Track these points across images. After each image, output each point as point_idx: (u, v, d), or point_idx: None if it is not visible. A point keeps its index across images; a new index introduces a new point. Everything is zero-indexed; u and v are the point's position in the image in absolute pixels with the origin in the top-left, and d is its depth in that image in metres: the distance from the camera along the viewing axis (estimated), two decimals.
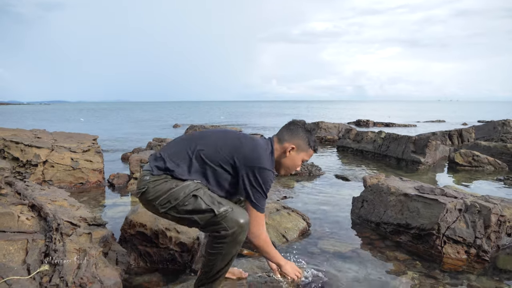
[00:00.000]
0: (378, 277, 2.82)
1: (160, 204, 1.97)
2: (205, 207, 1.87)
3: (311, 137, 2.24)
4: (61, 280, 2.26)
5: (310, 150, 2.25)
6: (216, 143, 2.06)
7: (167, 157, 2.03)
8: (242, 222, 1.87)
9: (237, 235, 1.86)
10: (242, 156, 2.00)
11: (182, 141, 2.15)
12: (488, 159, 7.77)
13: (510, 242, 3.43)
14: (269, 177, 2.02)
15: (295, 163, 2.25)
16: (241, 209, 1.94)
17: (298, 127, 2.23)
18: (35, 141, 5.98)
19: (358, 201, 4.21)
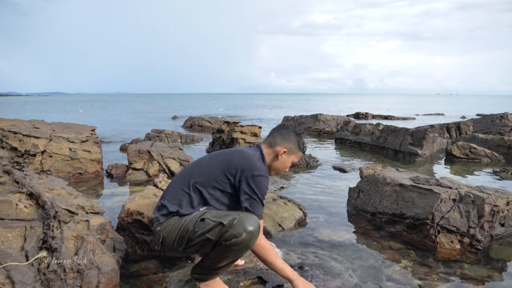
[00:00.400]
0: (372, 265, 2.86)
1: (178, 243, 2.00)
2: (214, 223, 1.91)
3: (301, 140, 2.34)
4: (59, 266, 2.30)
5: (299, 152, 2.34)
6: (207, 168, 2.12)
7: (167, 203, 2.08)
8: (251, 229, 1.88)
9: (248, 241, 1.89)
10: (234, 169, 2.05)
11: (177, 179, 2.19)
12: (485, 151, 7.81)
13: (503, 232, 3.47)
14: (263, 183, 2.06)
15: (285, 165, 2.33)
16: (249, 216, 1.95)
17: (290, 131, 2.30)
18: (33, 131, 5.99)
19: (354, 192, 4.24)
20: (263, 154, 2.22)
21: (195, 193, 2.05)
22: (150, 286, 2.42)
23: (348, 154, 8.81)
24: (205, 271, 2.08)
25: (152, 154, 5.80)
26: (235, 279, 2.28)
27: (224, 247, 1.88)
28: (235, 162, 2.07)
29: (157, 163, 5.71)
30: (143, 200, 3.01)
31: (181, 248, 1.99)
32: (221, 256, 1.94)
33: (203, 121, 15.24)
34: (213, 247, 1.93)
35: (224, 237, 1.86)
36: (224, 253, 1.92)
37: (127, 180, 5.59)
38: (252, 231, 1.88)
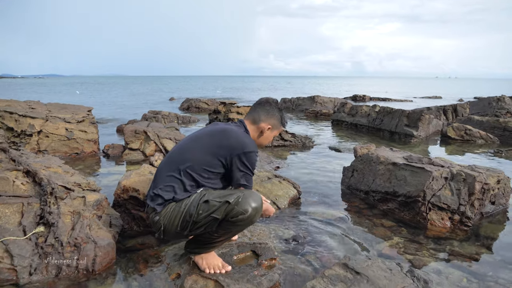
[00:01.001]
0: (364, 242, 2.92)
1: (182, 228, 2.03)
2: (219, 203, 1.95)
3: (283, 116, 2.39)
4: (56, 240, 2.35)
5: (281, 127, 2.41)
6: (195, 153, 2.11)
7: (160, 192, 2.07)
8: (256, 205, 1.95)
9: (253, 217, 1.96)
10: (224, 150, 2.07)
11: (165, 167, 2.17)
12: (480, 133, 7.85)
13: (493, 210, 3.54)
14: (254, 158, 2.12)
15: (268, 140, 2.40)
16: (252, 193, 2.01)
17: (273, 108, 2.33)
18: (29, 111, 5.98)
19: (348, 171, 4.29)
20: (247, 129, 2.25)
21: (187, 178, 2.06)
22: (146, 260, 2.47)
23: (344, 135, 8.85)
24: (202, 245, 2.12)
25: (149, 134, 5.82)
26: (229, 252, 2.34)
27: (230, 223, 1.94)
28: (224, 142, 2.08)
29: (153, 143, 5.73)
30: (138, 177, 3.04)
31: (186, 231, 2.02)
32: (225, 231, 2.00)
33: (200, 103, 15.19)
34: (218, 225, 1.98)
35: (230, 214, 1.91)
36: (229, 228, 1.99)
37: (124, 159, 5.63)
38: (257, 207, 1.95)
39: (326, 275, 1.81)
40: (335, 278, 1.77)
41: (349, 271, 1.82)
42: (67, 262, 2.29)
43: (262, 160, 5.25)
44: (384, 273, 1.81)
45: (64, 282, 2.20)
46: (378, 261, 1.93)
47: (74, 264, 2.30)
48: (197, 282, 2.02)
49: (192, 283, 2.01)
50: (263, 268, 2.19)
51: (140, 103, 19.47)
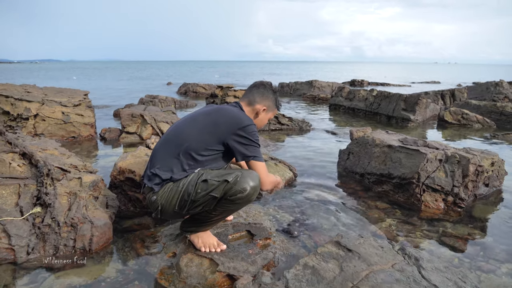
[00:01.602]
0: (358, 223, 2.96)
1: (180, 207, 2.04)
2: (218, 183, 1.96)
3: (278, 98, 2.41)
4: (53, 221, 2.37)
5: (275, 109, 2.43)
6: (193, 133, 2.11)
7: (158, 171, 2.08)
8: (253, 184, 1.96)
9: (251, 195, 1.97)
10: (223, 129, 2.07)
11: (163, 147, 2.17)
12: (476, 117, 7.87)
13: (487, 192, 3.57)
14: (253, 129, 2.10)
15: (264, 122, 2.41)
16: (250, 172, 2.01)
17: (268, 89, 2.34)
18: (25, 95, 5.96)
19: (344, 154, 4.31)
20: (243, 110, 2.26)
21: (186, 158, 2.07)
22: (142, 240, 2.50)
23: (341, 119, 8.85)
24: (198, 224, 2.15)
25: (145, 117, 5.81)
26: (224, 232, 2.36)
27: (228, 201, 1.96)
28: (220, 120, 2.09)
29: (150, 126, 5.73)
30: (134, 159, 3.05)
31: (185, 210, 2.03)
32: (223, 209, 2.01)
33: (197, 87, 15.13)
34: (216, 203, 2.00)
35: (229, 193, 1.93)
36: (228, 206, 2.00)
37: (121, 142, 5.64)
38: (255, 186, 1.96)
39: (319, 252, 1.84)
40: (327, 255, 1.80)
41: (341, 249, 1.85)
42: (64, 241, 2.32)
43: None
44: (376, 250, 1.84)
45: (62, 260, 2.23)
46: (370, 239, 1.96)
47: (71, 244, 2.33)
48: (193, 261, 2.05)
49: (187, 262, 2.05)
50: (257, 247, 2.23)
51: (137, 88, 19.37)
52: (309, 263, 1.74)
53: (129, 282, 2.05)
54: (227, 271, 1.91)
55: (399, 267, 1.70)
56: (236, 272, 1.90)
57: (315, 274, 1.64)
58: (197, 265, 2.02)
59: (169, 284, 1.96)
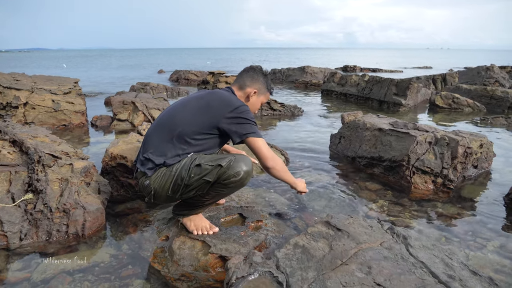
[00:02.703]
0: (349, 204, 3.00)
1: (173, 191, 2.03)
2: (211, 167, 1.96)
3: (269, 81, 2.37)
4: (45, 207, 2.38)
5: (267, 93, 2.38)
6: (187, 117, 2.10)
7: (151, 156, 2.07)
8: (247, 169, 1.96)
9: (244, 180, 1.98)
10: (215, 113, 2.06)
11: (156, 131, 2.16)
12: (467, 101, 7.93)
13: (476, 173, 3.63)
14: (245, 109, 2.09)
15: (256, 106, 2.37)
16: (243, 157, 2.01)
17: (258, 73, 2.32)
18: (14, 83, 5.88)
19: (335, 138, 4.34)
20: (234, 94, 2.26)
21: (179, 142, 2.06)
22: (135, 224, 2.52)
23: (333, 105, 8.87)
24: (190, 208, 2.16)
25: (137, 105, 5.78)
26: (216, 215, 2.39)
27: (222, 185, 1.97)
28: (212, 103, 2.09)
29: (141, 113, 5.71)
30: (126, 145, 3.05)
31: (178, 195, 2.04)
32: (216, 193, 2.02)
33: (189, 74, 15.02)
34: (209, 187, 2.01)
35: (222, 177, 1.93)
36: (221, 190, 2.01)
37: (112, 129, 5.62)
38: (248, 170, 1.97)
39: (309, 232, 1.87)
40: (317, 235, 1.83)
41: (331, 228, 1.89)
42: (56, 227, 2.33)
43: None
44: (365, 229, 1.88)
45: (55, 245, 2.25)
46: (360, 219, 2.00)
47: (64, 229, 2.34)
48: (185, 243, 2.07)
49: (180, 244, 2.07)
50: (249, 229, 2.25)
51: (128, 76, 19.17)
52: (299, 243, 1.77)
53: (122, 266, 2.08)
54: (219, 252, 1.93)
55: (387, 245, 1.73)
56: (228, 253, 1.92)
57: (305, 253, 1.67)
58: (189, 247, 2.04)
59: (162, 267, 1.99)
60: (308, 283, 1.45)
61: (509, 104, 7.94)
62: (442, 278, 1.48)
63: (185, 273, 1.90)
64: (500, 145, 4.80)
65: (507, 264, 2.16)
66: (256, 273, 1.54)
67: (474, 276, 1.53)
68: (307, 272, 1.52)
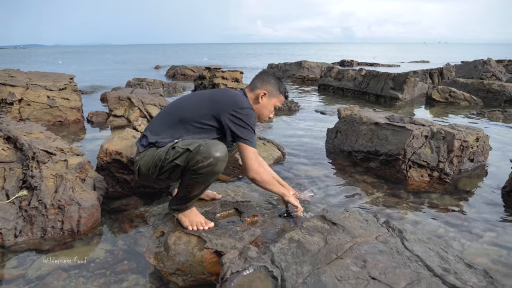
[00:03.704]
0: (346, 197, 3.00)
1: (152, 172, 2.07)
2: (182, 150, 1.96)
3: (281, 84, 2.34)
4: (40, 203, 2.36)
5: (281, 96, 2.35)
6: (192, 105, 2.16)
7: (149, 134, 2.14)
8: (217, 155, 1.92)
9: (213, 166, 1.93)
10: (220, 106, 2.08)
11: (162, 114, 2.25)
12: (464, 95, 7.93)
13: (472, 167, 3.64)
14: (250, 113, 2.10)
15: (268, 108, 2.33)
16: (218, 143, 1.98)
17: (269, 75, 2.33)
18: (8, 79, 5.84)
19: (332, 132, 4.34)
20: (246, 96, 2.26)
21: (178, 127, 2.10)
22: (131, 220, 2.51)
23: (330, 99, 8.87)
24: (180, 202, 2.15)
25: (133, 100, 5.75)
26: (212, 211, 2.38)
27: (192, 172, 1.94)
28: (218, 98, 2.12)
29: (137, 109, 5.68)
30: (121, 141, 3.03)
31: (155, 175, 2.06)
32: (191, 182, 2.00)
33: (186, 70, 14.96)
34: (183, 174, 2.00)
35: (191, 163, 1.92)
36: (193, 178, 1.98)
37: (108, 125, 5.59)
38: (218, 156, 1.91)
39: (304, 226, 1.86)
40: (312, 229, 1.82)
41: (326, 223, 1.88)
42: (51, 223, 2.32)
43: None
44: (360, 223, 1.88)
45: (50, 242, 2.24)
46: (355, 213, 1.99)
47: (59, 226, 2.33)
48: (181, 239, 2.07)
49: (175, 240, 2.06)
50: (245, 224, 2.25)
51: (124, 72, 19.07)
52: (295, 237, 1.76)
53: (118, 262, 2.07)
54: (214, 247, 1.93)
55: (382, 239, 1.73)
56: (223, 248, 1.92)
57: (300, 247, 1.67)
58: (185, 243, 2.03)
59: (157, 262, 1.98)
60: (303, 277, 1.45)
61: (505, 98, 7.95)
62: (437, 271, 1.48)
63: (180, 267, 1.90)
64: (496, 138, 4.81)
65: (503, 254, 2.17)
66: (251, 268, 1.53)
67: (469, 269, 1.53)
68: (302, 267, 1.52)
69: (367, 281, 1.40)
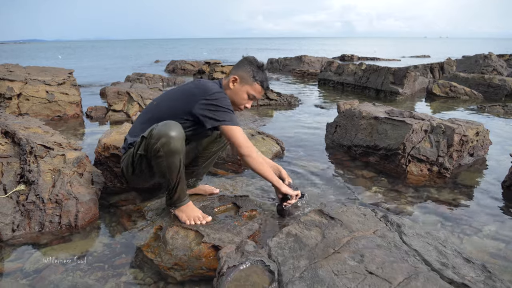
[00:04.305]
0: (345, 191, 2.99)
1: (128, 171, 2.15)
2: (139, 139, 2.01)
3: (258, 72, 2.17)
4: (37, 198, 2.35)
5: (255, 84, 2.16)
6: (164, 101, 2.17)
7: (128, 136, 2.19)
8: (169, 133, 1.88)
9: (168, 144, 1.88)
10: (191, 98, 2.04)
11: (141, 115, 2.25)
12: (464, 89, 7.90)
13: (472, 161, 3.62)
14: (221, 96, 2.03)
15: (240, 95, 2.18)
16: (170, 123, 1.93)
17: (244, 61, 2.20)
18: (7, 74, 5.82)
19: (331, 127, 4.32)
20: (221, 84, 2.21)
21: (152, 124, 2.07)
22: (129, 214, 2.50)
23: (330, 94, 8.84)
24: (169, 195, 2.14)
25: (132, 95, 5.73)
26: (210, 205, 2.37)
27: (153, 157, 1.95)
28: (190, 89, 2.09)
29: (136, 104, 5.67)
30: (119, 135, 3.02)
31: (131, 173, 2.14)
32: (159, 168, 1.98)
33: (185, 64, 14.91)
34: (150, 163, 2.02)
35: (148, 148, 1.94)
36: (158, 163, 1.96)
37: (107, 120, 5.58)
38: (170, 134, 1.88)
39: (302, 221, 1.86)
40: (310, 223, 1.82)
41: (324, 217, 1.87)
42: (49, 218, 2.31)
43: (246, 118, 5.24)
44: (358, 218, 1.87)
45: (48, 236, 2.23)
46: (353, 208, 1.99)
47: (57, 220, 2.32)
48: (178, 233, 2.06)
49: (173, 234, 2.05)
50: (243, 218, 2.24)
51: (124, 67, 19.02)
52: (292, 231, 1.76)
53: (115, 256, 2.07)
54: (212, 242, 1.92)
55: (380, 233, 1.72)
56: (221, 243, 1.91)
57: (298, 242, 1.66)
58: (182, 237, 2.03)
59: (155, 257, 1.98)
60: (300, 271, 1.44)
61: (506, 92, 7.92)
62: (435, 265, 1.47)
63: (178, 261, 1.89)
64: (496, 133, 4.79)
65: (502, 248, 2.16)
66: (247, 262, 1.53)
67: (467, 264, 1.52)
68: (299, 261, 1.51)
69: (364, 275, 1.39)
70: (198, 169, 2.53)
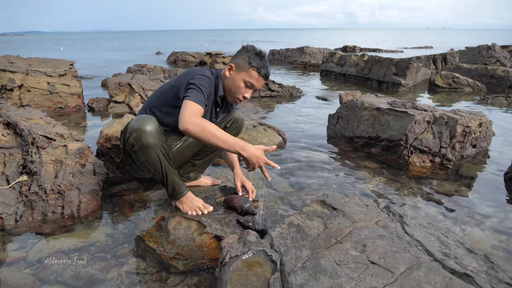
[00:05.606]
0: (347, 182, 2.99)
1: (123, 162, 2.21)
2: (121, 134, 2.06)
3: (254, 57, 2.07)
4: (40, 188, 2.36)
5: (251, 70, 2.06)
6: (160, 90, 2.20)
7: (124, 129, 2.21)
8: (141, 127, 1.86)
9: (140, 139, 1.86)
10: (179, 82, 2.05)
11: (141, 108, 2.27)
12: (467, 80, 7.85)
13: (475, 153, 3.61)
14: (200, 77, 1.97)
15: (236, 84, 2.10)
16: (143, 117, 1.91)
17: (242, 49, 2.14)
18: (8, 65, 5.80)
19: (333, 118, 4.31)
20: (219, 73, 2.18)
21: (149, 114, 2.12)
22: (131, 204, 2.51)
23: (332, 85, 8.80)
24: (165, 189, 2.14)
25: (133, 86, 5.72)
26: (212, 196, 2.37)
27: (132, 153, 1.96)
28: (181, 78, 2.08)
29: (138, 95, 5.65)
30: (121, 126, 3.02)
31: (126, 165, 2.20)
32: (139, 161, 1.97)
33: (187, 56, 14.85)
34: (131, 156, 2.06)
35: (126, 143, 1.96)
36: (137, 157, 1.95)
37: (109, 112, 5.57)
38: (141, 129, 1.85)
39: (304, 211, 1.85)
40: (312, 214, 1.82)
41: (326, 207, 1.87)
42: (52, 208, 2.32)
43: (248, 110, 5.22)
44: (360, 208, 1.86)
45: (51, 225, 2.24)
46: (356, 198, 1.98)
47: (59, 211, 2.33)
48: (180, 223, 2.06)
49: (175, 224, 2.06)
50: None
51: (125, 58, 18.95)
52: (294, 222, 1.76)
53: (118, 245, 2.07)
54: (214, 232, 1.93)
55: (382, 224, 1.72)
56: (223, 233, 1.92)
57: (300, 232, 1.66)
58: (185, 227, 2.03)
59: (157, 246, 1.98)
60: (302, 261, 1.44)
61: (509, 83, 7.87)
62: (437, 256, 1.47)
63: (180, 251, 1.90)
64: (499, 124, 4.77)
65: (504, 239, 2.16)
66: (250, 252, 1.53)
67: (469, 254, 1.52)
68: (301, 251, 1.51)
69: (366, 265, 1.39)
70: (200, 163, 2.51)
